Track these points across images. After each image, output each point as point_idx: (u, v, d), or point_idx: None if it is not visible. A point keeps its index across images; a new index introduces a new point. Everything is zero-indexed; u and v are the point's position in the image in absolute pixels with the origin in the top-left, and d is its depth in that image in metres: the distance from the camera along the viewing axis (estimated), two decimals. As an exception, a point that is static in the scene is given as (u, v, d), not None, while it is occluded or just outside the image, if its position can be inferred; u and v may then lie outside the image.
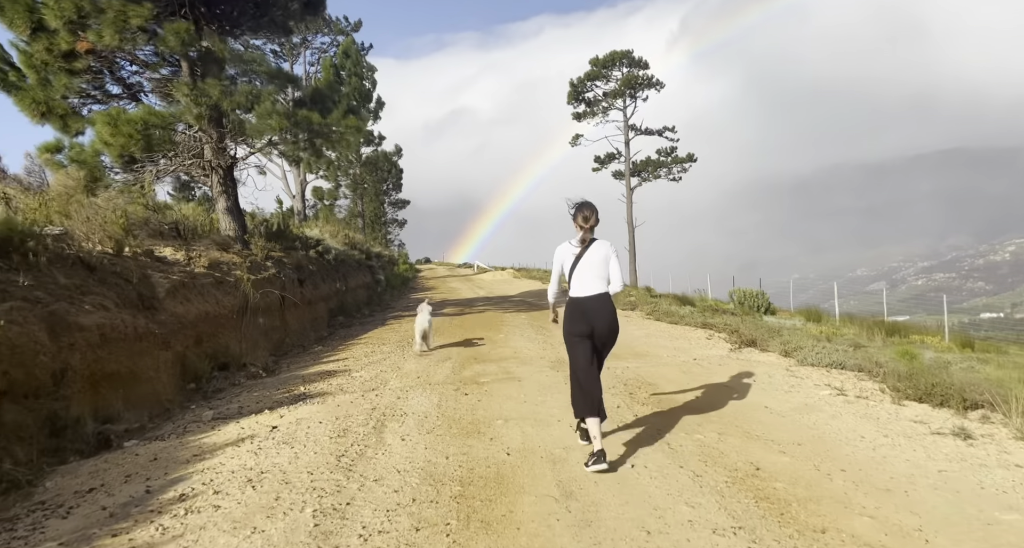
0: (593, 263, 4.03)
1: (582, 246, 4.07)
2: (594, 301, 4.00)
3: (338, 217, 40.19)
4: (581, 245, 4.07)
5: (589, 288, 4.01)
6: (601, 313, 4.00)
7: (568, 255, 4.12)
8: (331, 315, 13.72)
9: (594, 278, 4.02)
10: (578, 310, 4.03)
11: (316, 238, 15.57)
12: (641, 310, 13.66)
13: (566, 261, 4.13)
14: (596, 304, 4.00)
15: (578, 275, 4.06)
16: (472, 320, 12.66)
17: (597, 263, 4.03)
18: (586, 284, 4.02)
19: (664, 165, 43.04)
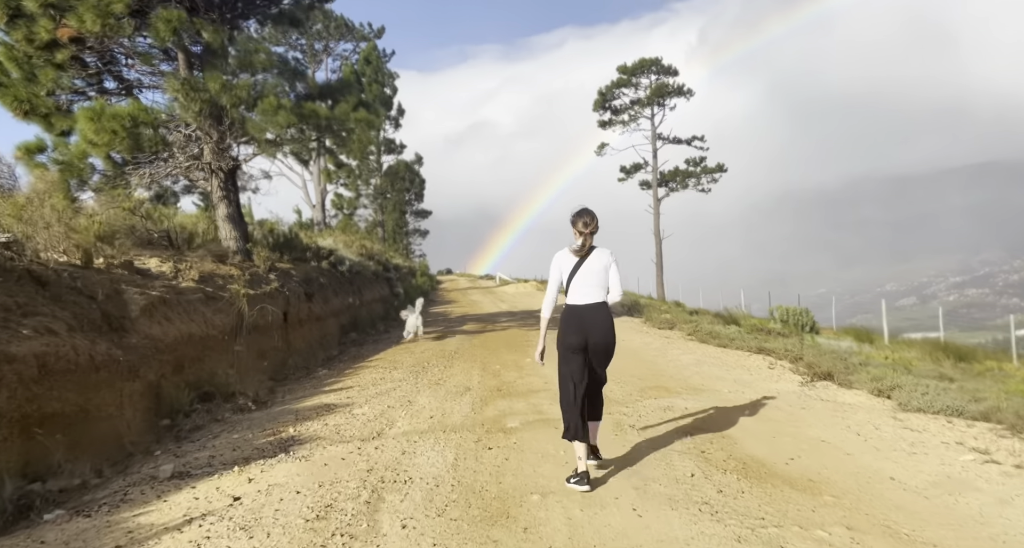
0: (593, 271, 3.93)
1: (582, 253, 3.95)
2: (591, 310, 3.90)
3: (358, 227, 39.53)
4: (581, 252, 3.95)
5: (587, 296, 3.92)
6: (598, 323, 3.89)
7: (567, 262, 4.00)
8: (343, 332, 12.70)
9: (593, 286, 3.92)
10: (574, 318, 3.92)
11: (329, 248, 14.60)
12: (680, 329, 12.39)
13: (564, 268, 4.01)
14: (593, 313, 3.90)
15: (576, 283, 3.95)
16: (495, 339, 11.52)
17: (597, 271, 3.93)
18: (584, 292, 3.93)
19: (693, 175, 41.65)
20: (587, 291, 3.93)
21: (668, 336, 11.30)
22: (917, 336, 27.07)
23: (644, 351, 9.44)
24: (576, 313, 3.92)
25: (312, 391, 7.03)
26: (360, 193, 34.04)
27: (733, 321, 12.95)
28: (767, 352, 8.52)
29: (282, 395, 6.93)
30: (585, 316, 3.89)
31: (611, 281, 3.98)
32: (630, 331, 12.44)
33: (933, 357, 11.55)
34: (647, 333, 12.07)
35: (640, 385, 6.71)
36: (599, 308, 3.91)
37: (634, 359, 8.61)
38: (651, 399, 5.98)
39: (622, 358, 8.75)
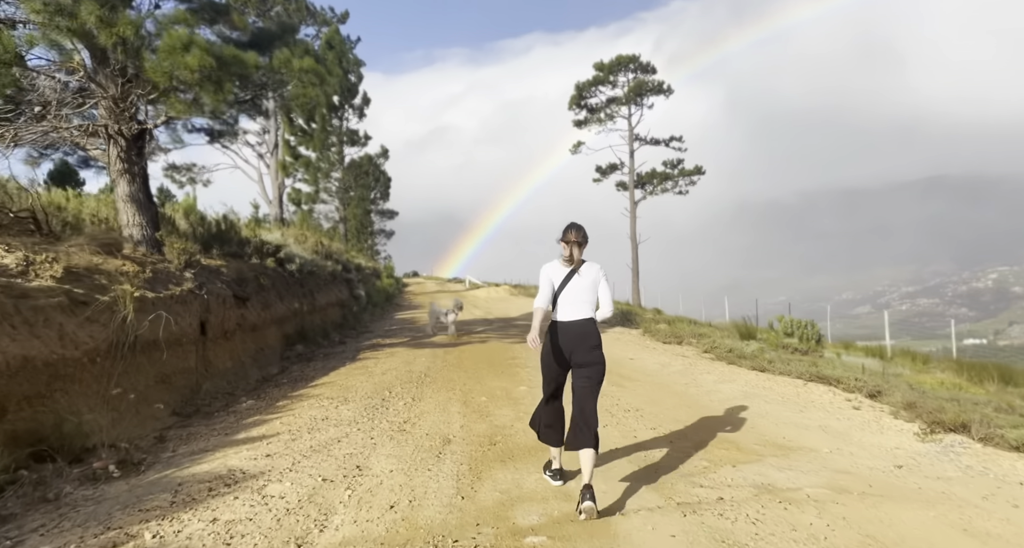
0: (582, 286, 3.79)
1: (571, 267, 3.81)
2: (579, 327, 3.74)
3: (320, 225, 36.95)
4: (570, 266, 3.81)
5: (576, 312, 3.76)
6: (584, 340, 3.72)
7: (557, 274, 3.83)
8: (287, 344, 10.46)
9: (581, 302, 3.77)
10: (560, 335, 3.76)
11: (276, 244, 12.33)
12: (691, 344, 10.52)
13: (555, 280, 3.82)
14: (580, 330, 3.73)
15: (564, 298, 3.79)
16: (473, 355, 9.45)
17: (586, 287, 3.79)
18: (572, 308, 3.76)
19: (670, 177, 40.35)
20: (575, 307, 3.76)
21: (683, 354, 9.39)
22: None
23: (667, 376, 7.51)
24: (562, 330, 3.76)
25: (220, 440, 4.86)
26: (320, 188, 31.49)
27: (749, 334, 11.14)
28: (828, 381, 6.65)
29: (173, 447, 4.73)
30: (572, 333, 3.74)
31: (601, 297, 3.85)
32: (633, 346, 10.51)
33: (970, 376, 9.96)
34: (654, 349, 10.16)
35: (693, 437, 4.74)
36: (586, 325, 3.74)
37: (661, 389, 6.66)
38: (727, 467, 4.00)
39: (644, 387, 6.79)
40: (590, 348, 3.70)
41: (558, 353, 3.73)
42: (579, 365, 3.71)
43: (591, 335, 3.73)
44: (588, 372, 3.71)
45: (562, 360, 3.74)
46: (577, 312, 3.74)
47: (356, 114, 30.06)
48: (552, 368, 3.79)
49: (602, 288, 3.84)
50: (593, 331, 3.75)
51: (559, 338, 3.74)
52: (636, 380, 7.21)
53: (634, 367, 8.25)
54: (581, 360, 3.70)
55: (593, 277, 3.80)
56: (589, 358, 3.70)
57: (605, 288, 3.85)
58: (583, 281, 3.77)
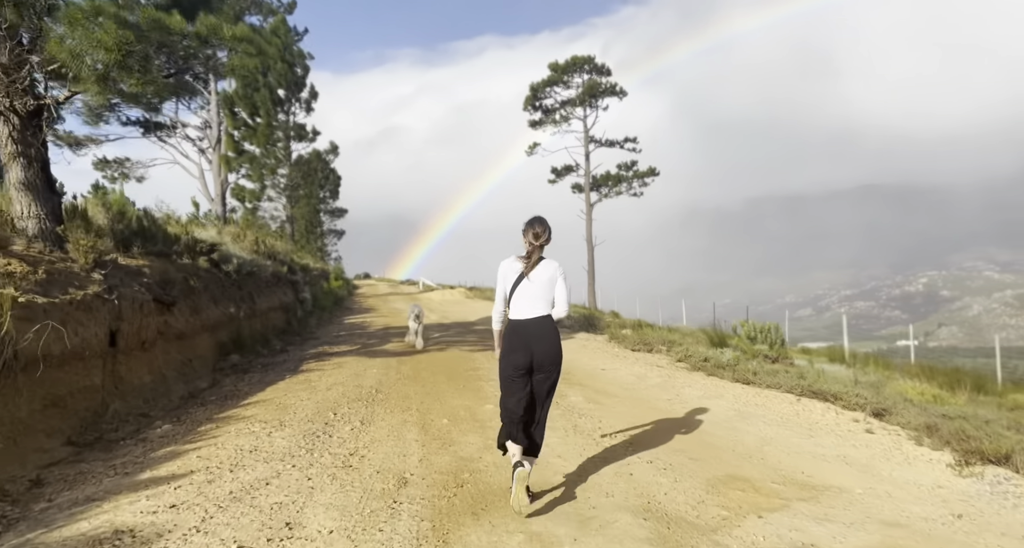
0: (538, 283, 3.65)
1: (527, 263, 3.67)
2: (535, 325, 3.59)
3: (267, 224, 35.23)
4: (527, 262, 3.68)
5: (531, 310, 3.62)
6: (543, 338, 3.58)
7: (512, 272, 3.71)
8: (221, 353, 9.36)
9: (538, 299, 3.63)
10: (517, 334, 3.61)
11: (211, 242, 11.16)
12: (662, 352, 9.92)
13: (509, 278, 3.71)
14: (538, 328, 3.59)
15: (520, 295, 3.66)
16: (430, 366, 8.60)
17: (543, 283, 3.65)
18: (528, 306, 3.63)
19: (625, 179, 40.30)
20: (531, 304, 3.62)
21: (657, 364, 8.76)
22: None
23: (646, 391, 6.83)
24: (519, 330, 3.61)
25: (116, 482, 3.88)
26: (266, 185, 29.92)
27: (720, 341, 10.63)
28: (823, 396, 6.09)
29: (52, 494, 3.73)
30: (529, 332, 3.58)
31: (557, 295, 3.70)
32: (602, 355, 9.85)
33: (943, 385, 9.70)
34: (625, 358, 9.51)
35: (699, 473, 4.02)
36: (543, 322, 3.61)
37: (643, 407, 5.98)
38: (751, 517, 3.28)
39: (624, 404, 6.07)
40: (549, 347, 3.55)
41: (518, 354, 3.54)
42: (537, 367, 3.56)
43: (550, 333, 3.58)
44: (545, 374, 3.58)
45: (523, 361, 3.54)
46: (533, 309, 3.60)
47: (303, 108, 28.67)
48: (514, 372, 3.57)
49: (559, 286, 3.69)
50: (552, 329, 3.62)
51: (516, 338, 3.58)
52: (614, 395, 6.51)
53: (608, 379, 7.56)
54: (540, 361, 3.55)
55: (550, 274, 3.66)
56: (548, 358, 3.55)
57: (562, 286, 3.70)
58: (539, 277, 3.63)
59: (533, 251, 3.66)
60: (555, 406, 6.09)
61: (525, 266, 3.66)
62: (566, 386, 7.17)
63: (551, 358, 3.57)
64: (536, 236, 3.67)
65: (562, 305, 3.68)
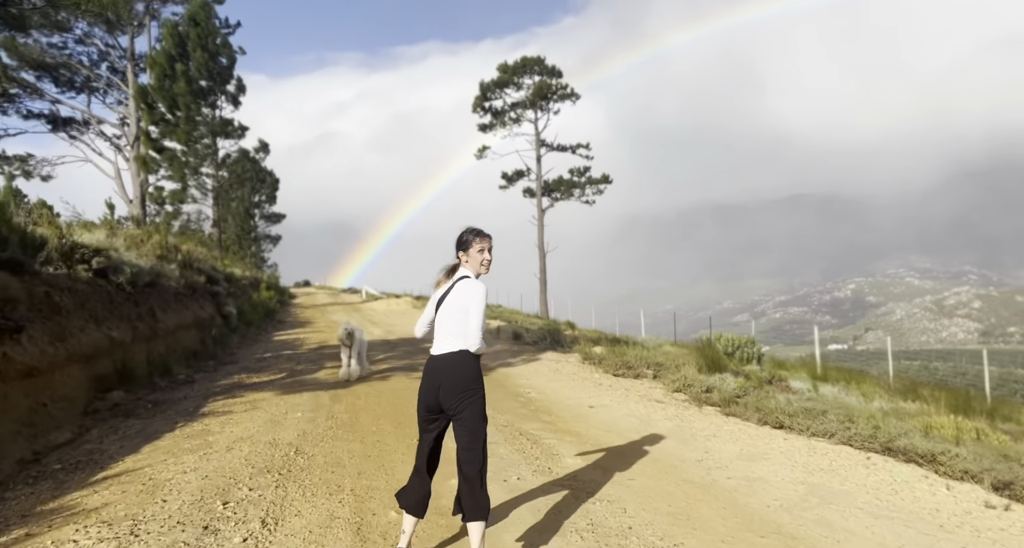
0: (454, 309, 3.10)
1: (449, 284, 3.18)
2: (444, 361, 3.10)
3: (197, 228, 32.20)
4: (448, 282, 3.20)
5: (443, 343, 3.13)
6: (451, 376, 3.05)
7: (437, 294, 3.23)
8: (100, 388, 7.25)
9: (450, 332, 3.10)
10: (429, 372, 3.15)
11: (94, 246, 8.97)
12: (651, 379, 8.41)
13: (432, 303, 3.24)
14: (446, 365, 3.08)
15: (437, 324, 3.18)
16: (373, 404, 6.78)
17: (457, 310, 3.09)
18: (441, 337, 3.14)
19: (577, 185, 39.25)
20: (444, 336, 3.12)
21: (654, 397, 7.21)
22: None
23: (661, 445, 5.22)
24: (430, 366, 3.16)
25: None
26: (188, 185, 27.11)
27: (716, 364, 9.20)
28: (905, 455, 4.63)
29: None
30: (438, 370, 3.11)
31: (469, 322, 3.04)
32: (582, 383, 8.24)
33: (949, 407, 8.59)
34: (610, 387, 7.93)
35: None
36: (454, 359, 3.07)
37: (669, 476, 4.37)
38: None
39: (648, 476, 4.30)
40: (459, 388, 3.06)
41: (427, 395, 3.13)
42: (449, 411, 3.10)
43: (460, 372, 3.08)
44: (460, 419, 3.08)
45: (431, 403, 3.13)
46: (445, 343, 3.14)
47: (230, 102, 26.11)
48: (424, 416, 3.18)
49: (472, 311, 3.08)
50: (463, 366, 3.09)
51: (429, 375, 3.15)
52: (621, 454, 4.89)
53: (603, 423, 5.95)
54: (448, 403, 3.08)
55: (464, 300, 3.09)
56: (457, 401, 3.05)
57: (475, 313, 3.07)
58: (455, 303, 3.12)
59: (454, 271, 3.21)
60: (546, 474, 4.39)
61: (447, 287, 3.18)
62: (551, 434, 5.50)
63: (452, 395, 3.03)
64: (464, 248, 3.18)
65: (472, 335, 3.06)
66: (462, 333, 3.08)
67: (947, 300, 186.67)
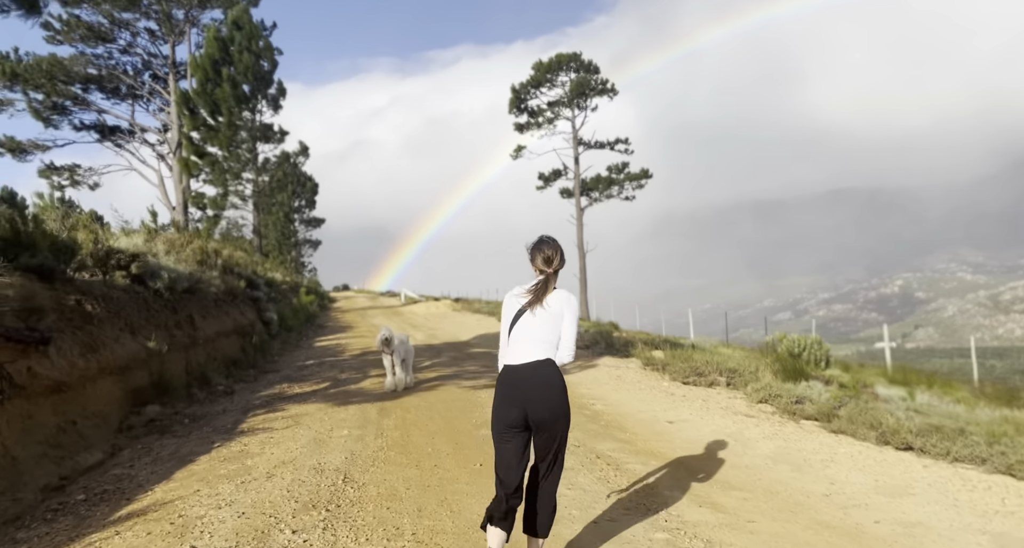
0: (544, 320, 2.88)
1: (534, 295, 2.90)
2: (531, 371, 2.82)
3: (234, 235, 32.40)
4: (533, 293, 2.91)
5: (527, 352, 2.85)
6: (541, 389, 2.79)
7: (512, 307, 2.97)
8: (135, 402, 6.80)
9: (536, 340, 2.86)
10: (509, 384, 2.86)
11: (131, 251, 8.58)
12: (731, 388, 7.58)
13: (508, 313, 2.97)
14: (534, 375, 2.81)
15: (518, 335, 2.90)
16: (423, 418, 6.15)
17: (548, 320, 2.88)
18: (525, 347, 2.86)
19: (616, 182, 38.24)
20: (529, 346, 2.85)
21: (739, 409, 6.39)
22: None
23: (768, 472, 4.45)
24: (511, 377, 2.87)
25: None
26: (230, 190, 27.12)
27: (797, 371, 8.30)
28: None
29: None
30: (523, 380, 2.83)
31: (563, 333, 2.89)
32: (650, 393, 7.46)
33: None
34: (684, 398, 7.13)
35: None
36: (541, 368, 2.82)
37: (798, 518, 3.57)
38: None
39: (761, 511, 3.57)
40: (551, 401, 2.79)
41: (508, 408, 2.81)
42: (536, 425, 2.80)
43: (550, 382, 2.80)
44: (549, 434, 2.81)
45: (515, 417, 2.80)
46: (530, 352, 2.84)
47: (270, 106, 26.01)
48: (503, 431, 2.83)
49: (567, 322, 2.90)
50: (553, 376, 2.83)
51: (506, 387, 2.85)
52: (730, 487, 4.11)
53: (690, 444, 5.18)
54: (538, 416, 2.78)
55: (557, 309, 2.88)
56: (548, 413, 2.78)
57: (570, 324, 2.89)
58: (545, 314, 2.88)
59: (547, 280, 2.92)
60: (642, 512, 3.65)
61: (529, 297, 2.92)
62: (633, 457, 4.76)
63: (552, 416, 2.80)
64: (547, 260, 2.95)
65: (566, 348, 2.91)
66: (552, 341, 2.87)
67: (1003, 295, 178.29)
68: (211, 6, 28.44)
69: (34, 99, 26.77)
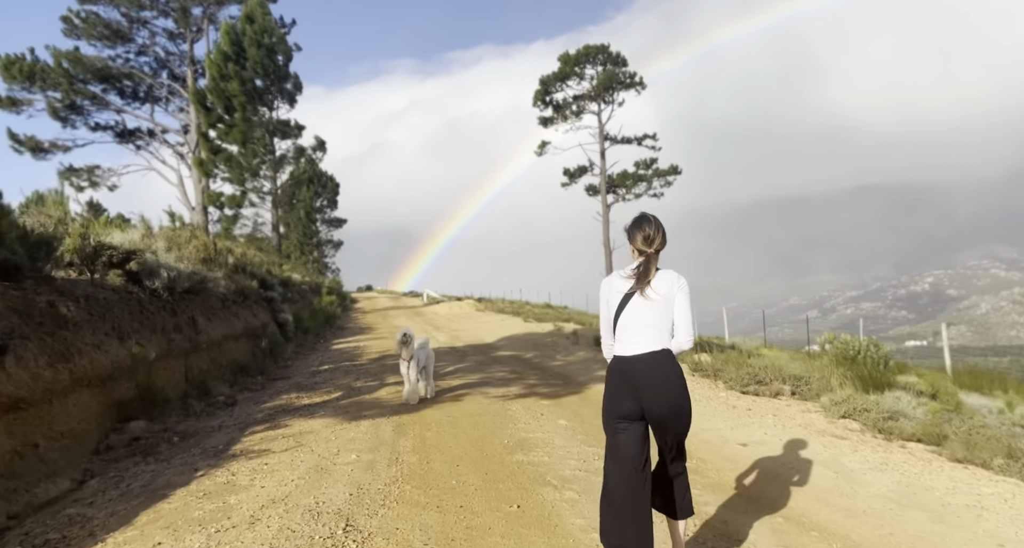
0: (651, 305, 2.61)
1: (637, 279, 2.65)
2: (646, 363, 2.56)
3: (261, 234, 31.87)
4: (635, 277, 2.66)
5: (640, 342, 2.59)
6: (659, 385, 2.53)
7: (616, 292, 2.70)
8: (119, 417, 5.96)
9: (648, 327, 2.60)
10: (622, 377, 2.63)
11: (126, 248, 7.77)
12: (797, 398, 6.52)
13: (612, 301, 2.72)
14: (651, 369, 2.55)
15: (626, 322, 2.65)
16: (445, 438, 5.20)
17: (659, 304, 2.61)
18: (637, 336, 2.61)
19: (644, 179, 36.99)
20: (640, 334, 2.58)
21: (822, 427, 5.33)
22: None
23: (924, 540, 3.39)
24: (625, 370, 2.62)
25: None
26: (247, 188, 26.56)
27: (875, 380, 7.18)
28: None
29: None
30: (638, 373, 2.56)
31: (677, 319, 2.63)
32: (706, 406, 6.43)
33: None
34: (749, 411, 6.09)
35: None
36: (658, 359, 2.56)
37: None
38: None
39: None
40: (670, 393, 2.53)
41: (623, 401, 2.58)
42: (655, 421, 2.55)
43: (668, 377, 2.55)
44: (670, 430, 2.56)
45: (630, 410, 2.56)
46: (645, 342, 2.58)
47: (286, 101, 25.34)
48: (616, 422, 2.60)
49: (680, 305, 2.62)
50: (671, 370, 2.58)
51: (620, 379, 2.62)
52: (852, 544, 3.09)
53: (774, 476, 4.16)
54: (657, 412, 2.51)
55: (664, 291, 2.62)
56: (668, 408, 2.52)
57: (684, 307, 2.63)
58: (656, 297, 2.60)
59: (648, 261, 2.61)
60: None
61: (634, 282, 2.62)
62: (708, 492, 3.77)
63: (672, 411, 2.52)
64: (647, 240, 2.64)
65: (683, 333, 2.61)
66: (665, 327, 2.63)
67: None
68: (229, 2, 27.94)
69: (52, 98, 26.51)
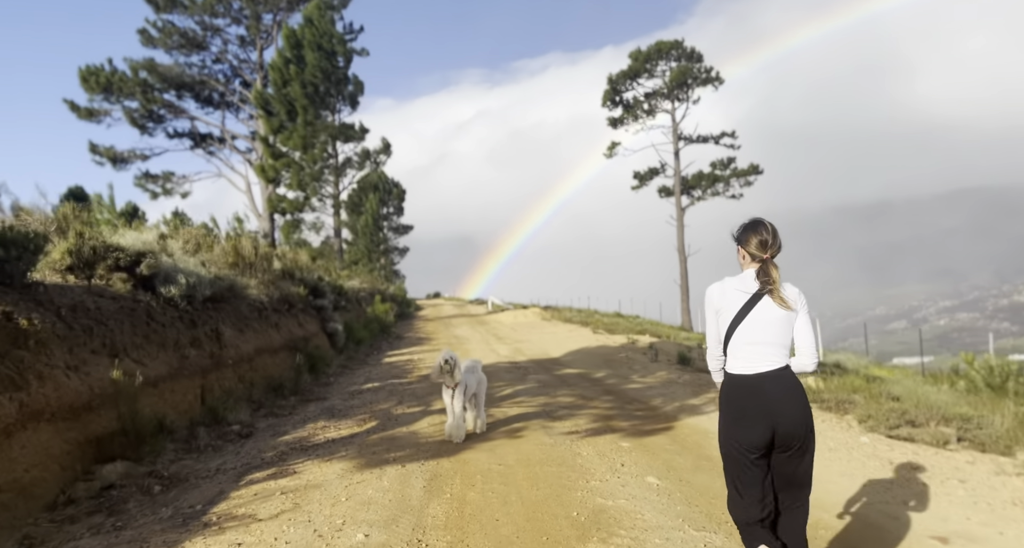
0: (770, 320, 2.38)
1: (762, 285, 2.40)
2: (772, 381, 2.32)
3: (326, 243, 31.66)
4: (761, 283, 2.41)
5: (762, 359, 2.36)
6: (787, 402, 2.31)
7: (731, 302, 2.44)
8: (96, 458, 4.79)
9: (771, 344, 2.36)
10: (745, 396, 2.36)
11: (135, 250, 6.74)
12: (980, 452, 4.67)
13: (725, 311, 2.45)
14: (776, 386, 2.32)
15: (747, 336, 2.39)
16: (496, 505, 3.73)
17: (782, 319, 2.38)
18: (758, 352, 2.36)
19: (721, 179, 34.56)
20: (762, 352, 2.35)
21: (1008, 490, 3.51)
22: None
23: None
24: (752, 388, 2.34)
25: None
26: (308, 194, 26.14)
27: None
28: None
29: None
30: (764, 393, 2.32)
31: (798, 336, 2.40)
32: (842, 458, 4.68)
33: None
34: (917, 472, 4.32)
35: None
36: (783, 378, 2.34)
37: None
38: None
39: None
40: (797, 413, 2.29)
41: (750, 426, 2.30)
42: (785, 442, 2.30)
43: (793, 392, 2.33)
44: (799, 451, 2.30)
45: (759, 438, 2.29)
46: (765, 359, 2.34)
47: (347, 103, 24.74)
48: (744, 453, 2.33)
49: (801, 322, 2.41)
50: (796, 386, 2.36)
51: (744, 401, 2.35)
52: None
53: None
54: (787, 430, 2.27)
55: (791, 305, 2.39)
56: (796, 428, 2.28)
57: (806, 323, 2.41)
58: (779, 311, 2.36)
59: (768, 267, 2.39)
60: None
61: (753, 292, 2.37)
62: None
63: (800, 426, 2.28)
64: (763, 245, 2.44)
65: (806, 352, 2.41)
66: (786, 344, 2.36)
67: None
68: (298, 8, 27.81)
69: (129, 108, 27.06)
